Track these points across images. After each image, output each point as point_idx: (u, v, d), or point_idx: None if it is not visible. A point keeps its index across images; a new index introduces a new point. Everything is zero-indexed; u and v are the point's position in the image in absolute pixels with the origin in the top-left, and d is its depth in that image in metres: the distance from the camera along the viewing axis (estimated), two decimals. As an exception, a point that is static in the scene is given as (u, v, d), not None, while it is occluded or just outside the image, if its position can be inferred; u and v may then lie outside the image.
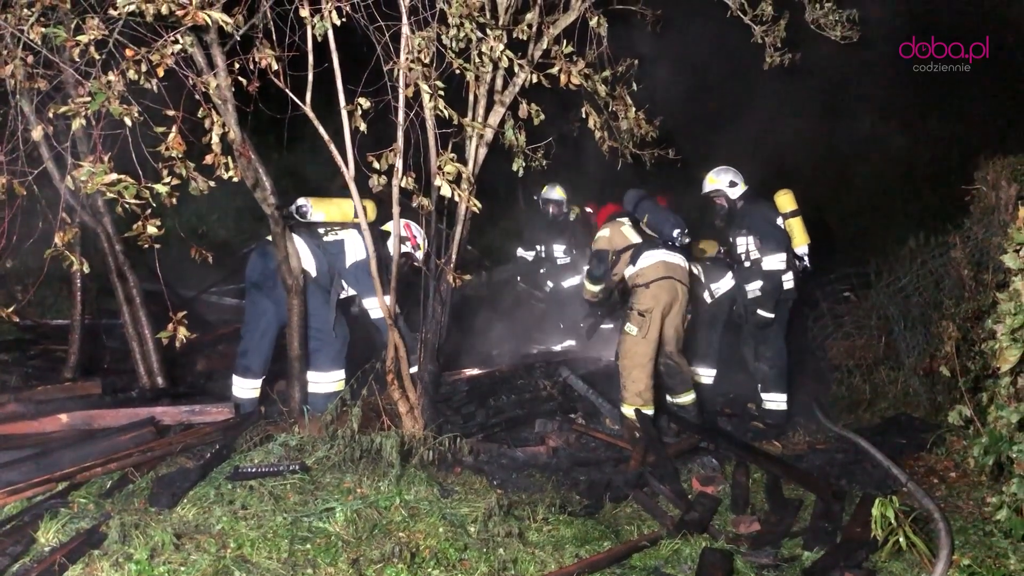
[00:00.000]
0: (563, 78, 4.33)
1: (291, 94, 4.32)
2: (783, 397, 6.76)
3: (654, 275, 6.17)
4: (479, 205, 4.29)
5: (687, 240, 6.36)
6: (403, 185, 4.28)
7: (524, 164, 4.67)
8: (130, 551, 3.41)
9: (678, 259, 6.27)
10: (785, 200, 6.73)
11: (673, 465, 5.29)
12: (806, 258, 6.84)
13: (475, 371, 6.44)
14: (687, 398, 6.43)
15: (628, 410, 6.04)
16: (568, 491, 4.99)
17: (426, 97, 4.00)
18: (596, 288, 6.57)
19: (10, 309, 3.82)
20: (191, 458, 4.64)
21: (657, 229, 6.39)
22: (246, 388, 5.59)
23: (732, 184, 6.80)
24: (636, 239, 6.38)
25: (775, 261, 6.65)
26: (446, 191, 4.14)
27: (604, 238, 6.51)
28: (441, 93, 4.06)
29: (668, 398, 6.45)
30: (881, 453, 5.36)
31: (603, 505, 4.78)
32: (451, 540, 3.87)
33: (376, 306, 5.46)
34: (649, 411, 6.06)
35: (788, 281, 6.72)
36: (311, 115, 4.39)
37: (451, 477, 4.82)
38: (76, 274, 5.80)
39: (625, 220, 6.54)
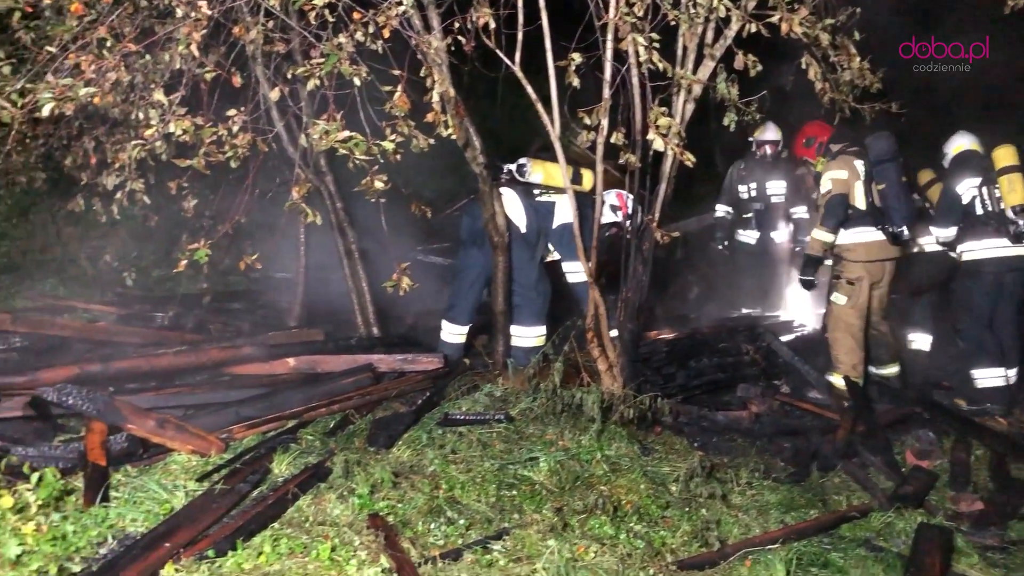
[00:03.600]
0: (784, 27, 4.12)
1: (501, 54, 4.40)
2: (997, 372, 5.89)
3: (866, 256, 5.75)
4: (692, 158, 4.18)
5: (906, 237, 5.70)
6: (612, 141, 4.26)
7: (736, 118, 4.51)
8: (353, 486, 3.66)
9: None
10: (1002, 154, 5.77)
11: (885, 436, 5.04)
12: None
13: (674, 333, 6.34)
14: (891, 369, 6.08)
15: (838, 379, 5.77)
16: (772, 458, 4.88)
17: (641, 50, 3.94)
18: (829, 239, 5.78)
19: (253, 257, 4.17)
20: (404, 403, 4.90)
21: (885, 206, 5.71)
22: (453, 334, 5.80)
23: None
24: (862, 202, 5.74)
25: (936, 232, 6.01)
26: (658, 145, 4.07)
27: (840, 181, 5.73)
28: (656, 46, 4.00)
29: (872, 368, 6.11)
30: None
31: (810, 473, 4.62)
32: (653, 497, 3.89)
33: (577, 269, 5.49)
34: (859, 380, 5.78)
35: (1006, 248, 5.83)
36: (520, 74, 4.45)
37: (651, 436, 4.83)
38: (301, 230, 6.23)
39: (858, 162, 5.78)
